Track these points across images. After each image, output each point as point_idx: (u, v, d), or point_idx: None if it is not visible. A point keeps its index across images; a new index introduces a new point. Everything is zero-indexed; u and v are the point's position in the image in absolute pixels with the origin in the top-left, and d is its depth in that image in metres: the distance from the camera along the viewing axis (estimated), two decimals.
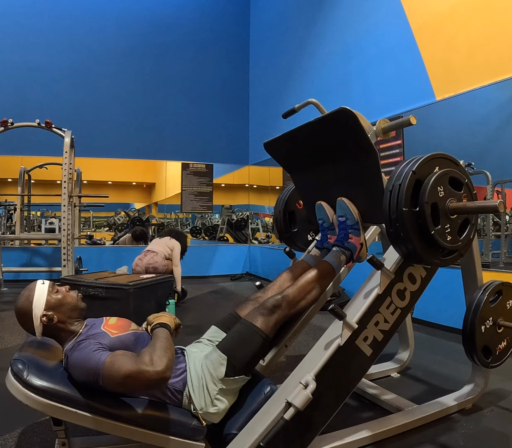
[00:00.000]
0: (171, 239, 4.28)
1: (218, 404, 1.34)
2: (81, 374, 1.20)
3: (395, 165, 1.39)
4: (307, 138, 1.58)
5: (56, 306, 1.35)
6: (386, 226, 1.33)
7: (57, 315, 1.34)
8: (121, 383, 1.16)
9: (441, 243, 1.27)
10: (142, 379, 1.14)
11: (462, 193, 1.35)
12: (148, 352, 1.21)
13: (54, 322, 1.34)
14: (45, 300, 1.35)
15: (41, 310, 1.33)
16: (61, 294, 1.39)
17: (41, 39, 6.01)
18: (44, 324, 1.33)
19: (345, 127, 1.44)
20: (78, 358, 1.22)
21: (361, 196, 1.58)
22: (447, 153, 1.39)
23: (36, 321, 1.33)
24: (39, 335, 1.35)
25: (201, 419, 1.33)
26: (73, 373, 1.23)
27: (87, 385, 1.21)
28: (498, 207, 1.18)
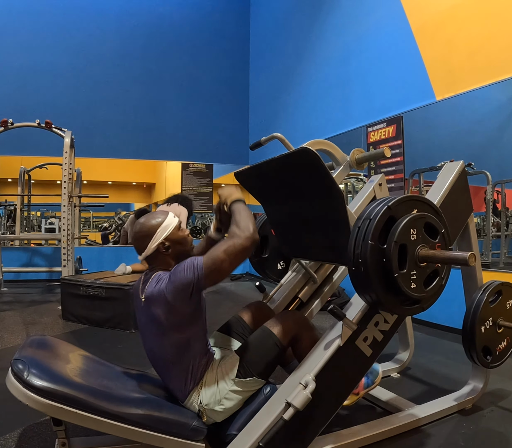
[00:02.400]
0: (179, 205, 4.30)
1: (225, 403, 1.35)
2: (182, 280, 1.24)
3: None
4: (273, 173, 1.52)
5: (176, 241, 1.41)
6: (348, 264, 1.24)
7: (172, 249, 1.40)
8: (221, 260, 1.24)
9: (403, 289, 1.17)
10: (238, 248, 1.25)
11: (437, 242, 1.26)
12: (234, 227, 1.30)
13: (165, 253, 1.39)
14: (171, 230, 1.40)
15: (163, 236, 1.38)
16: (185, 234, 1.44)
17: (41, 39, 6.01)
18: (156, 249, 1.38)
19: (308, 167, 1.38)
20: (177, 271, 1.28)
21: (328, 235, 1.54)
22: (430, 200, 1.33)
23: (153, 244, 1.38)
24: (143, 256, 1.40)
25: (203, 415, 1.34)
26: (175, 281, 1.26)
27: (182, 294, 1.26)
28: (468, 260, 1.12)
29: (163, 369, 1.42)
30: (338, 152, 1.64)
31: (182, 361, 1.36)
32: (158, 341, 1.38)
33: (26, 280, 5.58)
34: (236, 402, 1.36)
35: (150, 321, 1.36)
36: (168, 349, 1.36)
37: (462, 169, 1.78)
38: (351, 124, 4.46)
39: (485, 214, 3.51)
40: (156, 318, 1.32)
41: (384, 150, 1.46)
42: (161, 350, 1.38)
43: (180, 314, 1.30)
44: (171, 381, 1.40)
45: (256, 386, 1.39)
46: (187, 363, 1.36)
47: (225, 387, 1.35)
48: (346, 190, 5.07)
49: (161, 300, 1.29)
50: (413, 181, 3.81)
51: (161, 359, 1.40)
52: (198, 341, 1.38)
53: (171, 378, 1.40)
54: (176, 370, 1.37)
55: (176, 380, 1.38)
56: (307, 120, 5.36)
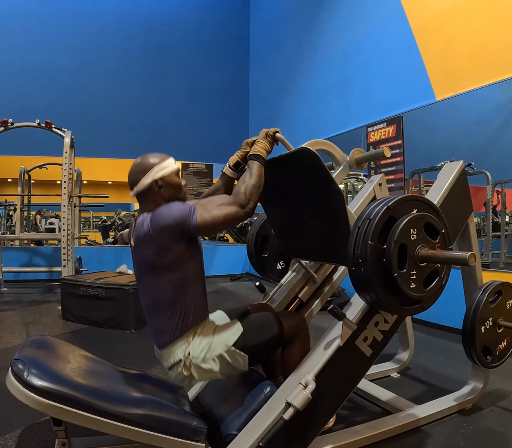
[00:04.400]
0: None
1: (212, 364, 1.32)
2: (171, 217, 1.24)
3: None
4: (273, 173, 1.52)
5: (170, 184, 1.37)
6: (348, 263, 1.24)
7: (164, 191, 1.36)
8: (219, 223, 1.26)
9: (403, 289, 1.17)
10: (237, 217, 1.28)
11: (437, 243, 1.26)
12: (242, 188, 1.30)
13: (156, 192, 1.35)
14: (168, 172, 1.36)
15: (159, 175, 1.34)
16: (182, 182, 1.42)
17: (41, 39, 6.01)
18: (148, 187, 1.34)
19: (308, 167, 1.38)
20: (170, 207, 1.27)
21: (328, 235, 1.53)
22: (430, 200, 1.33)
23: (146, 180, 1.34)
24: (135, 192, 1.37)
25: (185, 367, 1.32)
26: (160, 220, 1.25)
27: (169, 234, 1.25)
28: (468, 260, 1.12)
29: (154, 312, 1.37)
30: (338, 152, 1.64)
31: (176, 303, 1.33)
32: (152, 283, 1.34)
33: (26, 280, 5.58)
34: (220, 370, 1.32)
35: (143, 264, 1.34)
36: (162, 291, 1.32)
37: (462, 169, 1.78)
38: (351, 124, 4.46)
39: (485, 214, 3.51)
40: (148, 259, 1.30)
41: (384, 150, 1.46)
42: (155, 292, 1.34)
43: (171, 253, 1.28)
44: (159, 324, 1.36)
45: (239, 367, 1.35)
46: (181, 306, 1.33)
47: (217, 349, 1.32)
48: (346, 190, 5.07)
49: (149, 240, 1.27)
50: (413, 181, 3.81)
51: (154, 301, 1.36)
52: (194, 283, 1.36)
53: (159, 320, 1.35)
54: (167, 312, 1.33)
55: (164, 323, 1.34)
56: (307, 120, 5.36)
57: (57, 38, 6.08)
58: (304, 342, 1.51)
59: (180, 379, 1.37)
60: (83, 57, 6.17)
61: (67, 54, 6.09)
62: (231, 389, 1.54)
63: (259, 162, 1.37)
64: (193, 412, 1.38)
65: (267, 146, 1.42)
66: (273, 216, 1.81)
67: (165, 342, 1.36)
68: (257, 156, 1.38)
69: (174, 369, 1.36)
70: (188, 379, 1.36)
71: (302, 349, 1.47)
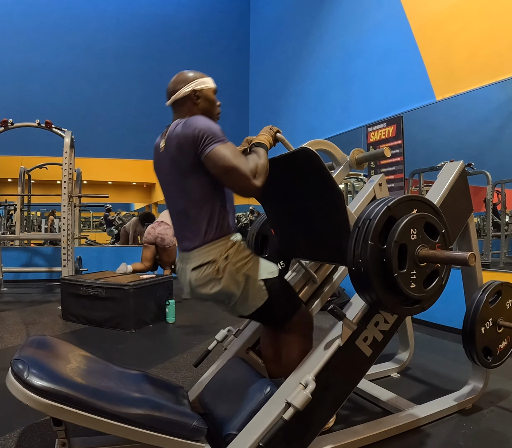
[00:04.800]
0: None
1: (241, 278, 1.34)
2: (200, 128, 1.29)
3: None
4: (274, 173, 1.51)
5: (207, 98, 1.47)
6: (348, 263, 1.23)
7: (200, 103, 1.45)
8: (222, 167, 1.25)
9: (403, 289, 1.17)
10: (246, 181, 1.25)
11: (437, 243, 1.26)
12: (255, 163, 1.29)
13: (193, 102, 1.44)
14: (207, 87, 1.47)
15: (198, 87, 1.44)
16: (217, 101, 1.52)
17: (41, 39, 6.01)
18: (186, 96, 1.43)
19: (308, 167, 1.37)
20: (206, 120, 1.34)
21: (328, 235, 1.53)
22: (430, 200, 1.32)
23: (186, 89, 1.43)
24: (172, 100, 1.45)
25: (216, 268, 1.32)
26: (190, 126, 1.31)
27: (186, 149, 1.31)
28: (468, 260, 1.12)
29: (187, 213, 1.39)
30: (338, 152, 1.64)
31: (208, 204, 1.36)
32: (186, 184, 1.36)
33: (26, 280, 5.58)
34: (242, 288, 1.35)
35: (173, 166, 1.37)
36: (194, 192, 1.35)
37: (462, 169, 1.78)
38: (351, 124, 4.46)
39: (485, 214, 3.51)
40: (177, 161, 1.35)
41: (384, 150, 1.46)
42: (187, 193, 1.37)
43: (196, 157, 1.31)
44: (193, 225, 1.38)
45: (251, 301, 1.37)
46: (213, 208, 1.36)
47: (251, 270, 1.36)
48: (346, 190, 5.07)
49: (178, 143, 1.33)
50: (413, 181, 3.81)
51: (187, 201, 1.38)
52: (222, 192, 1.38)
53: (193, 221, 1.38)
54: (201, 213, 1.36)
55: (199, 223, 1.37)
56: (307, 120, 5.36)
57: (57, 38, 6.08)
58: (306, 336, 1.51)
59: (203, 281, 1.35)
60: (83, 57, 6.17)
61: (67, 54, 6.09)
62: (231, 389, 1.54)
63: (265, 150, 1.38)
64: (193, 412, 1.38)
65: (270, 139, 1.44)
66: (273, 216, 1.82)
67: (198, 242, 1.37)
68: (262, 144, 1.40)
69: (202, 269, 1.34)
70: (212, 283, 1.34)
71: (303, 343, 1.48)
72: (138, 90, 6.47)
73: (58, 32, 6.09)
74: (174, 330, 3.34)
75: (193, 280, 1.37)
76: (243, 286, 1.35)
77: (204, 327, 3.32)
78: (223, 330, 1.88)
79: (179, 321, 3.54)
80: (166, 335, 3.22)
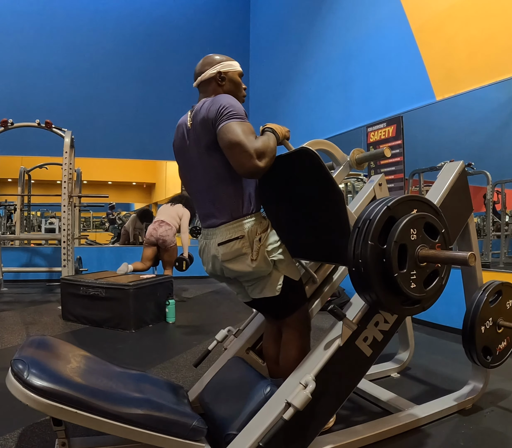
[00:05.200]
0: (183, 207, 4.35)
1: (278, 256, 1.42)
2: (223, 104, 1.33)
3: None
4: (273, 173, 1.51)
5: (232, 80, 1.50)
6: (348, 264, 1.24)
7: (226, 84, 1.49)
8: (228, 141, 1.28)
9: (403, 289, 1.17)
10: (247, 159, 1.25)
11: (437, 242, 1.26)
12: (264, 143, 1.29)
13: (218, 83, 1.48)
14: (233, 69, 1.50)
15: (224, 69, 1.48)
16: (242, 83, 1.54)
17: (41, 39, 6.01)
18: (212, 77, 1.48)
19: (308, 167, 1.37)
20: (231, 98, 1.37)
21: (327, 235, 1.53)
22: (430, 200, 1.32)
23: (212, 70, 1.47)
24: (198, 81, 1.50)
25: (246, 244, 1.37)
26: (216, 103, 1.35)
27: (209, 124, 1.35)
28: (468, 260, 1.11)
29: (215, 189, 1.42)
30: (338, 152, 1.64)
31: (236, 181, 1.39)
32: (211, 161, 1.39)
33: (26, 280, 5.58)
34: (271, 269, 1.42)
35: (198, 141, 1.40)
36: (221, 168, 1.38)
37: (462, 169, 1.78)
38: (351, 124, 4.46)
39: (485, 214, 3.51)
40: (203, 138, 1.37)
41: (384, 150, 1.46)
42: (214, 170, 1.40)
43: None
44: (219, 200, 1.41)
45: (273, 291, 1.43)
46: (240, 185, 1.41)
47: (279, 256, 1.43)
48: (346, 190, 5.07)
49: (203, 121, 1.36)
50: (413, 181, 3.81)
51: (214, 178, 1.41)
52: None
53: (220, 197, 1.41)
54: (229, 188, 1.40)
55: (226, 199, 1.40)
56: (307, 120, 5.36)
57: (57, 38, 6.08)
58: (304, 335, 1.53)
59: (231, 256, 1.38)
60: (83, 57, 6.17)
61: (67, 54, 6.09)
62: (231, 389, 1.54)
63: (275, 137, 1.38)
64: (193, 412, 1.38)
65: (283, 134, 1.45)
66: (273, 216, 1.81)
67: (226, 218, 1.40)
68: (274, 131, 1.40)
69: (230, 244, 1.38)
70: (242, 260, 1.38)
71: (302, 343, 1.49)
72: (138, 90, 6.46)
73: (58, 32, 6.09)
74: (174, 330, 3.34)
75: (221, 255, 1.39)
76: (271, 270, 1.42)
77: (204, 327, 3.32)
78: (223, 330, 1.88)
79: (179, 321, 3.54)
80: (166, 335, 3.22)
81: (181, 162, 1.55)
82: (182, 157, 1.53)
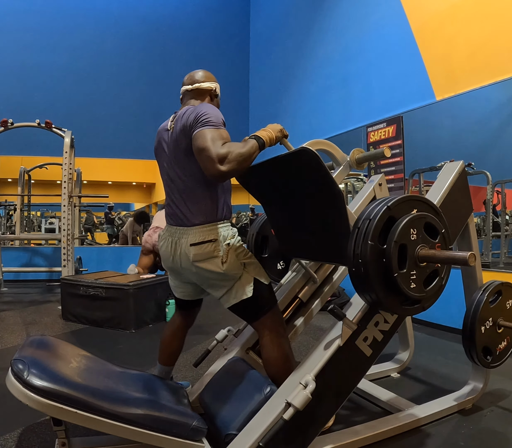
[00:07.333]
0: None
1: (240, 264, 1.47)
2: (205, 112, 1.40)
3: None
4: (274, 173, 1.52)
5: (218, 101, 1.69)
6: (348, 264, 1.23)
7: (215, 100, 1.67)
8: (197, 146, 1.34)
9: (403, 289, 1.17)
10: (210, 164, 1.28)
11: (437, 242, 1.26)
12: (230, 149, 1.30)
13: (212, 97, 1.65)
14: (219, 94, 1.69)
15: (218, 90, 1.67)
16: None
17: (41, 39, 6.02)
18: (210, 90, 1.64)
19: (308, 167, 1.37)
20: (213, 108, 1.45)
21: (327, 235, 1.53)
22: (430, 200, 1.32)
23: (211, 84, 1.64)
24: (193, 87, 1.62)
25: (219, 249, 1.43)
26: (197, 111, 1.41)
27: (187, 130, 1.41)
28: (468, 260, 1.11)
29: (191, 192, 1.48)
30: (338, 152, 1.64)
31: (211, 188, 1.46)
32: (187, 166, 1.46)
33: (26, 280, 5.58)
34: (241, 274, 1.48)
35: (178, 149, 1.47)
36: (197, 174, 1.43)
37: (462, 169, 1.78)
38: (351, 124, 4.46)
39: (485, 214, 3.51)
40: (180, 140, 1.44)
41: (384, 150, 1.46)
42: (192, 174, 1.46)
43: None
44: (196, 204, 1.47)
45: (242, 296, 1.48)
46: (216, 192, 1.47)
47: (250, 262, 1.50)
48: (346, 190, 5.07)
49: (185, 127, 1.42)
50: (413, 181, 3.81)
51: (192, 182, 1.47)
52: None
53: (197, 201, 1.47)
54: (205, 193, 1.46)
55: (203, 203, 1.46)
56: (307, 120, 5.36)
57: (57, 38, 6.08)
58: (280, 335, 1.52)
59: (204, 257, 1.43)
60: (83, 57, 6.17)
61: (67, 54, 6.09)
62: (231, 389, 1.54)
63: (257, 143, 1.37)
64: (193, 412, 1.38)
65: (272, 138, 1.43)
66: (273, 216, 1.82)
67: (200, 220, 1.46)
68: (257, 137, 1.39)
69: (203, 246, 1.43)
70: (214, 262, 1.43)
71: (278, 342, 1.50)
72: (138, 90, 6.47)
73: (58, 32, 6.09)
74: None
75: (192, 255, 1.44)
76: (242, 272, 1.47)
77: (204, 327, 3.31)
78: (223, 330, 1.88)
79: None
80: None
81: (162, 163, 1.62)
82: (163, 159, 1.61)
